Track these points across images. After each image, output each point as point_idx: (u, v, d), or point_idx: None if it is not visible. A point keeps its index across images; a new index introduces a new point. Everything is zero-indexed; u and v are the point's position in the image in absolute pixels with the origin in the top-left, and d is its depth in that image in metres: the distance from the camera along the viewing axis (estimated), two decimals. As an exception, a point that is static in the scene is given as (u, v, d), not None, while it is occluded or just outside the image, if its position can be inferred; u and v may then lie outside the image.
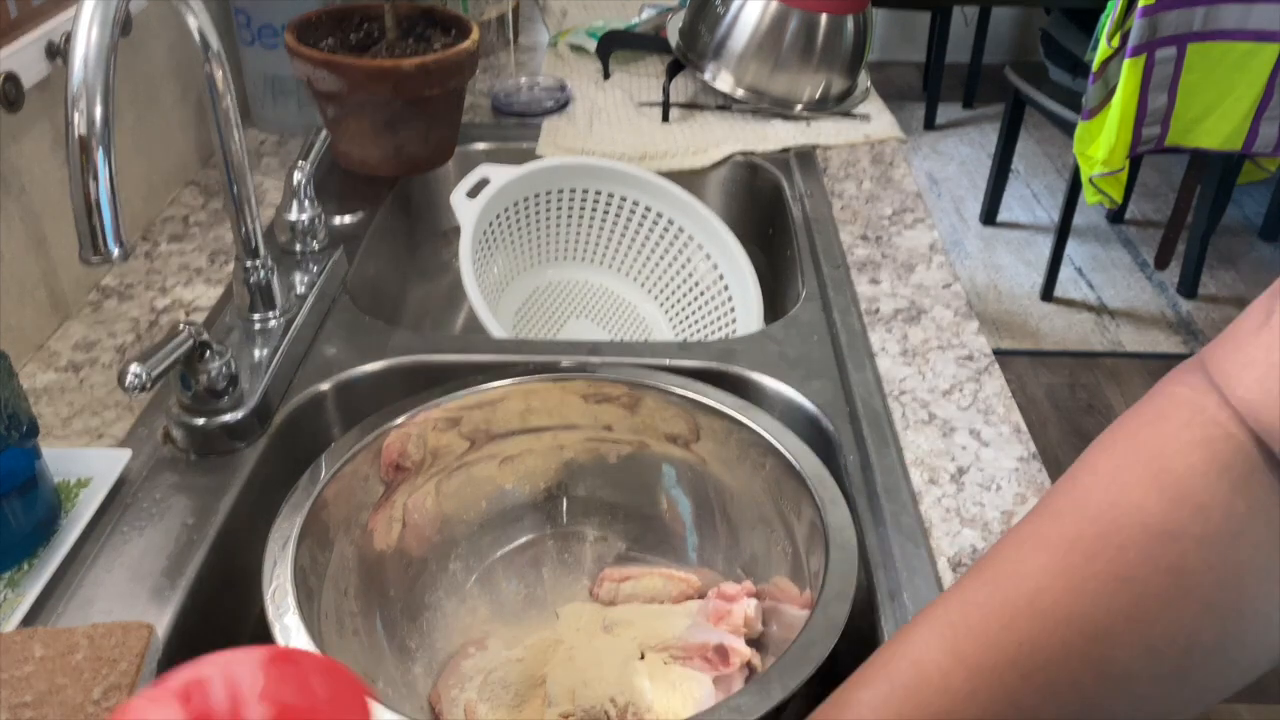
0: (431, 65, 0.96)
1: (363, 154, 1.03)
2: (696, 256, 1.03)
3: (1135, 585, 0.38)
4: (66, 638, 0.51)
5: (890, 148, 1.17)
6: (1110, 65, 1.99)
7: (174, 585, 0.60)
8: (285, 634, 0.52)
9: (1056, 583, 0.39)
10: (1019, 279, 2.70)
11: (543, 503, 0.75)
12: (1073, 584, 0.39)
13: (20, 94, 0.74)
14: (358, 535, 0.65)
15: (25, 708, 0.48)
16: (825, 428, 0.74)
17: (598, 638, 0.66)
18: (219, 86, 0.68)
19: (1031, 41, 3.60)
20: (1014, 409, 0.75)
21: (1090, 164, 2.07)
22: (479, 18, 1.33)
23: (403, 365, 0.79)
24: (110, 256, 0.54)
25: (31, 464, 0.61)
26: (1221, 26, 1.90)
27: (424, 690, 0.65)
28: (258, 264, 0.75)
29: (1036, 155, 3.33)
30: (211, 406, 0.69)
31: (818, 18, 1.18)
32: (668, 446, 0.73)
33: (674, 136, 1.16)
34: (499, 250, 1.00)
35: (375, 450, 0.67)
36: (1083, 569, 0.39)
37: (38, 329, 0.79)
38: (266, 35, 1.09)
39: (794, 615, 0.62)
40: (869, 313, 0.86)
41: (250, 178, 0.73)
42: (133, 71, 0.94)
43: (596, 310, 1.07)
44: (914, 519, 0.65)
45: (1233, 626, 0.39)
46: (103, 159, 0.53)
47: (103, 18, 0.53)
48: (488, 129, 1.18)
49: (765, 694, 0.50)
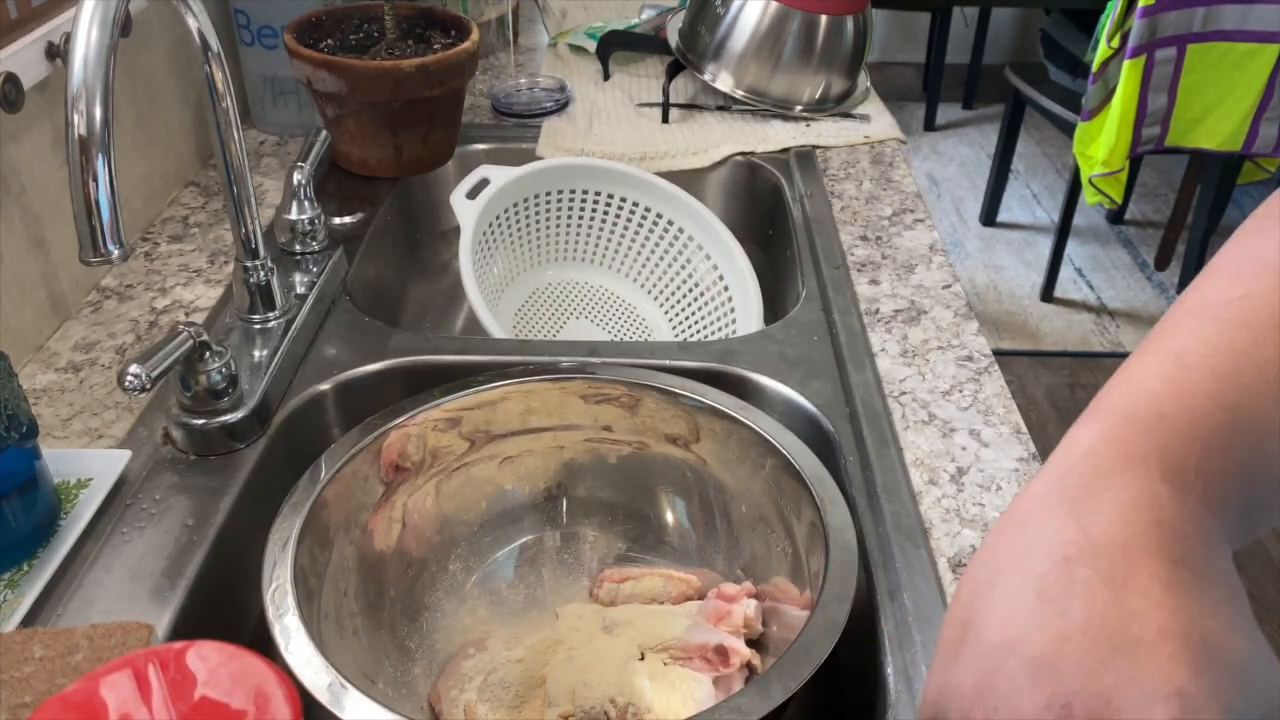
0: (431, 66, 0.96)
1: (363, 154, 1.03)
2: (696, 257, 1.03)
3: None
4: (66, 638, 0.51)
5: (890, 148, 1.17)
6: (1110, 66, 1.99)
7: (174, 585, 0.60)
8: (285, 634, 0.52)
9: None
10: (1019, 279, 2.70)
11: (543, 503, 0.75)
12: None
13: (20, 94, 0.74)
14: (358, 535, 0.65)
15: (25, 708, 0.48)
16: (825, 428, 0.74)
17: (598, 638, 0.66)
18: (219, 87, 0.68)
19: (1031, 42, 3.60)
20: (1014, 409, 0.75)
21: (1090, 164, 2.07)
22: (479, 18, 1.33)
23: (403, 366, 0.79)
24: (110, 257, 0.54)
25: (31, 464, 0.61)
26: (1221, 27, 1.90)
27: (424, 691, 0.65)
28: (257, 264, 0.75)
29: (1036, 156, 3.34)
30: (211, 407, 0.69)
31: (817, 18, 1.18)
32: (668, 447, 0.73)
33: (674, 137, 1.16)
34: (499, 251, 1.00)
35: (375, 450, 0.67)
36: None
37: (37, 329, 0.79)
38: (266, 36, 1.09)
39: (794, 615, 0.62)
40: (869, 313, 0.86)
41: (250, 178, 0.73)
42: (133, 72, 0.94)
43: (596, 311, 1.07)
44: (914, 519, 0.65)
45: None
46: (102, 159, 0.53)
47: (103, 18, 0.53)
48: (488, 129, 1.18)
49: (765, 694, 0.50)
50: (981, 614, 0.34)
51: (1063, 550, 0.33)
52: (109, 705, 0.41)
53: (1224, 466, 0.34)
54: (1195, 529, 0.33)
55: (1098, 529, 0.33)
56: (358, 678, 0.52)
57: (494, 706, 0.62)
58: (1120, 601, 0.31)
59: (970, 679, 0.33)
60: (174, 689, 0.41)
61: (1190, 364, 0.36)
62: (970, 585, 0.35)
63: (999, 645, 0.32)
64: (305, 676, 0.50)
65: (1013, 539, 0.35)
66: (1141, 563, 0.32)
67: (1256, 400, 0.35)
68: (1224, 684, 0.30)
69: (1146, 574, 0.32)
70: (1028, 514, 0.35)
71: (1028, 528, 0.34)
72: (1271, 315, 0.36)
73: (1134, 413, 0.36)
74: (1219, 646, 0.31)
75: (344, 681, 0.50)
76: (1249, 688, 0.30)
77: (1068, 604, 0.32)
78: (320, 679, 0.50)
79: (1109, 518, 0.33)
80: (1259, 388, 0.35)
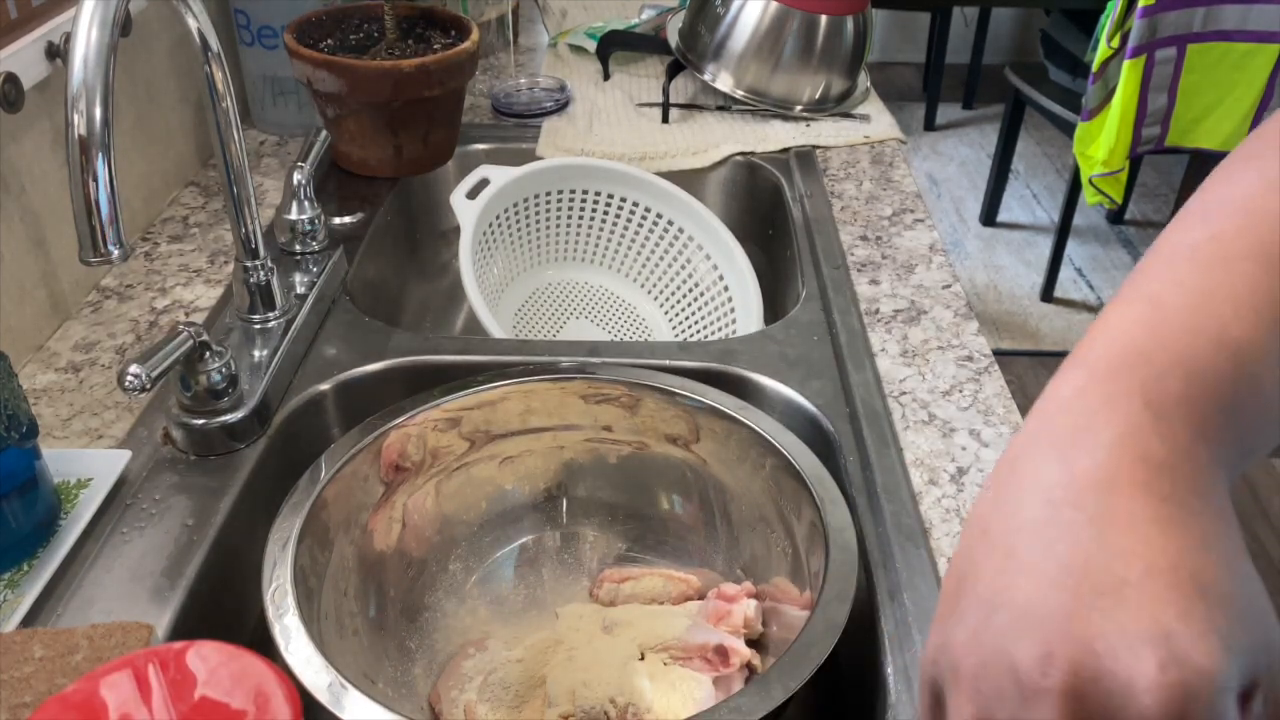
0: (431, 66, 0.96)
1: (363, 154, 1.03)
2: (696, 257, 1.03)
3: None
4: (66, 638, 0.51)
5: (890, 148, 1.17)
6: (1110, 66, 1.99)
7: (174, 585, 0.60)
8: (285, 634, 0.52)
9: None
10: (1019, 279, 2.70)
11: (543, 503, 0.75)
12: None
13: (20, 94, 0.74)
14: (358, 535, 0.65)
15: (25, 708, 0.48)
16: (825, 428, 0.74)
17: (598, 638, 0.66)
18: (219, 87, 0.68)
19: (1031, 42, 3.60)
20: (1014, 410, 0.75)
21: (1090, 164, 2.07)
22: (479, 18, 1.33)
23: (403, 366, 0.79)
24: (110, 257, 0.54)
25: (31, 464, 0.61)
26: (1221, 27, 1.90)
27: (424, 691, 0.65)
28: (257, 265, 0.75)
29: (1036, 156, 3.33)
30: (211, 407, 0.69)
31: (817, 19, 1.18)
32: (668, 447, 0.73)
33: (674, 137, 1.16)
34: (499, 251, 1.00)
35: (375, 450, 0.67)
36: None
37: (37, 329, 0.79)
38: (266, 36, 1.09)
39: (794, 615, 0.62)
40: (869, 313, 0.86)
41: (250, 178, 0.73)
42: (133, 71, 0.94)
43: (596, 311, 1.07)
44: (914, 519, 0.65)
45: None
46: (102, 159, 0.53)
47: (103, 18, 0.53)
48: (488, 129, 1.18)
49: (765, 694, 0.50)
50: (974, 566, 0.33)
51: (1048, 494, 0.32)
52: (109, 705, 0.41)
53: (1210, 393, 0.34)
54: (1184, 461, 0.32)
55: (1082, 468, 0.32)
56: (358, 678, 0.52)
57: (494, 706, 0.62)
58: (1106, 541, 0.30)
59: (963, 633, 0.32)
60: (174, 689, 0.42)
61: (1166, 304, 0.36)
62: (965, 539, 0.34)
63: (989, 597, 0.32)
64: (305, 676, 0.50)
65: (1000, 489, 0.34)
66: (1127, 499, 0.31)
67: (1237, 329, 0.34)
68: (1215, 622, 0.29)
69: (1132, 510, 0.31)
70: (1015, 462, 0.34)
71: (1015, 475, 0.34)
72: (1244, 248, 0.36)
73: (1115, 355, 0.35)
74: (1210, 583, 0.29)
75: (344, 681, 0.50)
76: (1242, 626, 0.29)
77: (1053, 548, 0.31)
78: (320, 679, 0.50)
79: (1093, 457, 0.32)
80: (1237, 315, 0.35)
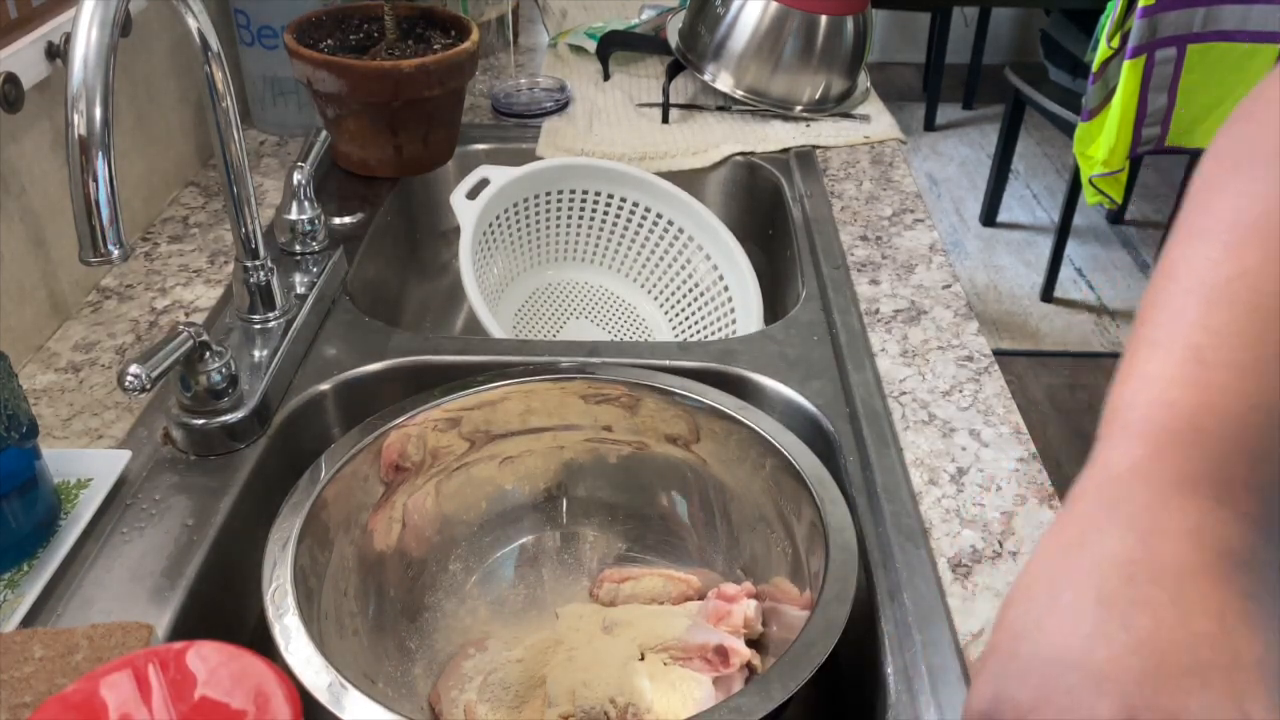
0: (431, 66, 0.96)
1: (363, 154, 1.03)
2: (696, 257, 1.03)
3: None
4: (66, 638, 0.51)
5: (890, 148, 1.17)
6: (1110, 66, 1.98)
7: (174, 585, 0.60)
8: (285, 634, 0.52)
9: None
10: (1019, 279, 2.70)
11: (543, 503, 0.75)
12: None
13: (20, 94, 0.74)
14: (358, 535, 0.65)
15: (25, 708, 0.48)
16: (825, 428, 0.74)
17: (598, 638, 0.66)
18: (219, 87, 0.68)
19: (1031, 42, 3.60)
20: (1014, 409, 0.75)
21: (1090, 164, 2.07)
22: (479, 18, 1.33)
23: (403, 366, 0.79)
24: (110, 257, 0.54)
25: (31, 464, 0.61)
26: (1221, 27, 1.90)
27: (424, 691, 0.65)
28: (257, 265, 0.75)
29: (1036, 156, 3.34)
30: (211, 407, 0.69)
31: (817, 19, 1.18)
32: (668, 447, 0.73)
33: (674, 137, 1.16)
34: (499, 251, 1.00)
35: (375, 450, 0.67)
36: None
37: (37, 329, 0.79)
38: (266, 36, 1.09)
39: (794, 616, 0.62)
40: (869, 313, 0.86)
41: (250, 178, 0.73)
42: (133, 72, 0.94)
43: (596, 311, 1.07)
44: (914, 519, 0.65)
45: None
46: (102, 160, 0.53)
47: (103, 18, 0.53)
48: (488, 129, 1.18)
49: (765, 694, 0.50)
50: (1037, 625, 0.34)
51: (1127, 569, 0.33)
52: (109, 705, 0.41)
53: (1270, 475, 0.35)
54: (1258, 558, 0.33)
55: (1164, 552, 0.33)
56: (358, 678, 0.52)
57: (494, 706, 0.62)
58: (1190, 624, 0.31)
59: (1027, 689, 0.33)
60: (174, 689, 0.42)
61: (1208, 361, 0.36)
62: (1023, 597, 0.35)
63: (1058, 656, 0.32)
64: (305, 676, 0.50)
65: (1068, 555, 0.35)
66: (1212, 590, 0.32)
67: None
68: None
69: (1219, 602, 0.32)
70: (1083, 532, 0.35)
71: (1085, 548, 0.34)
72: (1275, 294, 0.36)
73: (1169, 426, 0.36)
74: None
75: (344, 681, 0.50)
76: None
77: (1133, 619, 0.32)
78: (320, 679, 0.50)
79: (1176, 544, 0.33)
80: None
